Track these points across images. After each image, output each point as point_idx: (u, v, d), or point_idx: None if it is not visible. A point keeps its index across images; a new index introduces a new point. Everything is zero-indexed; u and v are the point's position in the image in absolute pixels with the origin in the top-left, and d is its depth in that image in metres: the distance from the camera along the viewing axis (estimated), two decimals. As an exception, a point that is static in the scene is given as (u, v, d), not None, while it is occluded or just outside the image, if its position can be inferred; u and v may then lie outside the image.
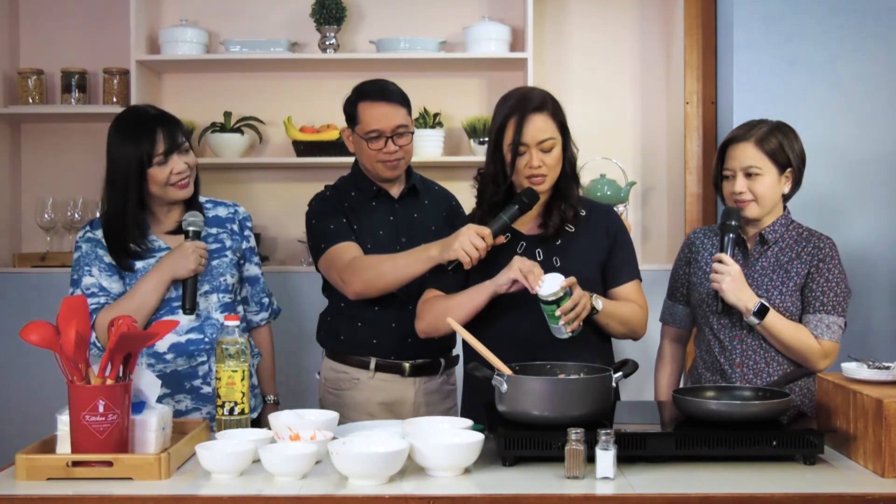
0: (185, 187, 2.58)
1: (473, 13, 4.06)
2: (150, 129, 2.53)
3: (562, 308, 2.28)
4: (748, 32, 3.61)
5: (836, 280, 2.56)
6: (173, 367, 2.56)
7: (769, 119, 2.64)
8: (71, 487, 1.92)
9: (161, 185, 2.54)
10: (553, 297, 2.27)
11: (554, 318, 2.31)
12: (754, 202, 2.58)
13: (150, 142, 2.52)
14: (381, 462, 1.90)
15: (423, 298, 2.54)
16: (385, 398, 2.79)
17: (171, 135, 2.55)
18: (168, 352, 2.55)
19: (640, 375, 2.39)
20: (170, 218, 2.64)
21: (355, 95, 2.80)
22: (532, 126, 2.40)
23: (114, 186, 2.55)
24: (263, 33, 4.05)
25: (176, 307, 2.56)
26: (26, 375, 3.73)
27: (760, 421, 2.10)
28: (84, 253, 2.58)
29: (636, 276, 2.55)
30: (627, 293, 2.52)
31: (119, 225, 2.55)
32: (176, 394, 2.57)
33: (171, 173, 2.54)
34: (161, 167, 2.53)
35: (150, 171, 2.52)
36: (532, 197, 2.42)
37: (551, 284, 2.28)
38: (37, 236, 4.03)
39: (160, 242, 2.61)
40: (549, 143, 2.42)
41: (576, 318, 2.30)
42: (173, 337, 2.55)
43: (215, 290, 2.62)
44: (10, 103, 3.97)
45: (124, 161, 2.53)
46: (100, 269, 2.56)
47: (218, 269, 2.64)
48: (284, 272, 3.86)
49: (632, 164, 4.10)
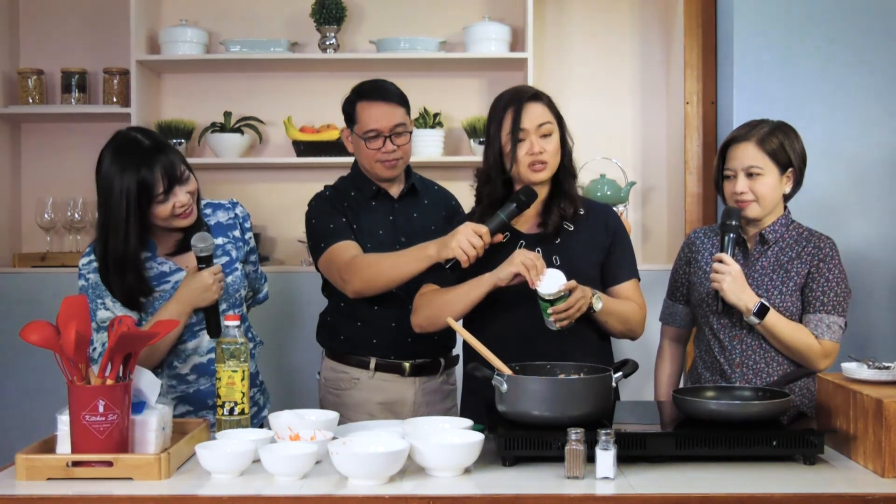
0: (189, 216, 2.45)
1: (473, 13, 4.06)
2: (149, 167, 2.35)
3: (554, 308, 2.29)
4: (748, 32, 3.61)
5: (836, 280, 2.56)
6: (196, 387, 2.54)
7: (770, 119, 2.64)
8: (71, 487, 1.91)
9: (165, 219, 2.42)
10: (550, 297, 2.28)
11: (547, 313, 2.33)
12: (755, 202, 2.58)
13: (151, 180, 2.35)
14: (381, 462, 1.90)
15: (420, 292, 2.54)
16: (385, 398, 2.79)
17: (170, 169, 2.38)
18: (191, 373, 2.53)
19: (640, 375, 2.39)
20: (170, 239, 2.52)
21: (354, 95, 2.80)
22: (530, 112, 2.42)
23: (111, 226, 2.39)
24: (263, 33, 4.05)
25: (197, 330, 2.52)
26: (26, 375, 3.73)
27: (760, 421, 2.10)
28: (92, 284, 2.45)
29: (635, 276, 2.55)
30: (626, 292, 2.52)
31: (120, 269, 2.40)
32: (199, 411, 2.55)
33: (174, 206, 2.40)
34: (164, 204, 2.39)
35: (152, 210, 2.39)
36: (530, 195, 2.42)
37: (551, 284, 2.28)
38: (37, 236, 4.04)
39: (169, 265, 2.51)
40: (548, 127, 2.43)
41: (566, 318, 2.31)
42: (196, 358, 2.52)
43: (232, 307, 2.56)
44: (10, 103, 3.98)
45: (124, 199, 2.36)
46: (112, 299, 2.44)
47: (233, 286, 2.57)
48: (284, 272, 3.86)
49: (632, 164, 4.10)
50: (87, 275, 2.47)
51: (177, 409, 2.52)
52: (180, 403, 2.53)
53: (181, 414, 2.53)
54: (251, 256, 2.71)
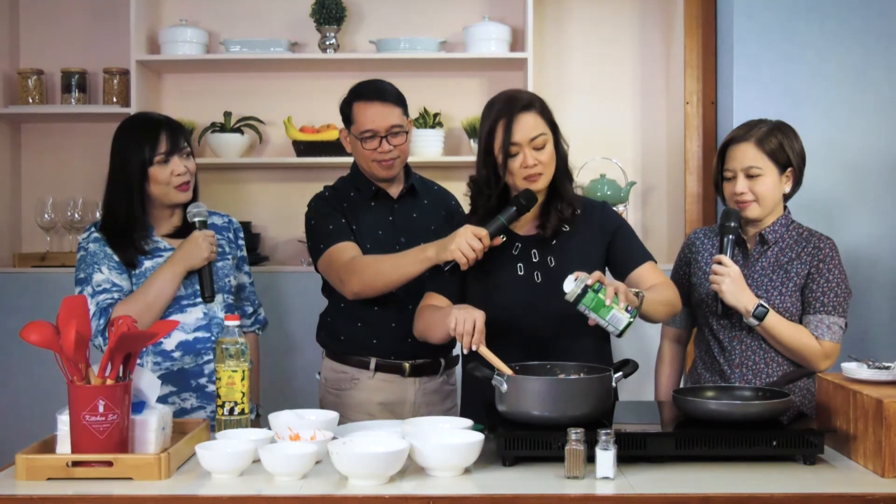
0: (186, 190, 2.63)
1: (473, 13, 4.05)
2: (155, 130, 2.59)
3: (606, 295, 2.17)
4: (748, 32, 3.61)
5: (836, 280, 2.55)
6: (180, 364, 2.59)
7: (769, 119, 2.64)
8: (71, 487, 1.91)
9: (162, 184, 2.58)
10: (577, 293, 2.19)
11: (604, 309, 2.20)
12: (755, 202, 2.58)
13: (154, 142, 2.58)
14: (381, 462, 1.90)
15: (421, 304, 2.54)
16: (385, 398, 2.79)
17: (174, 137, 2.61)
18: (175, 349, 2.58)
19: (640, 375, 2.39)
20: (169, 222, 2.67)
21: (350, 96, 2.80)
22: (522, 125, 2.38)
23: (117, 187, 2.60)
24: (263, 33, 4.05)
25: (185, 305, 2.60)
26: (26, 375, 3.73)
27: (760, 421, 2.10)
28: (91, 252, 2.59)
29: (649, 258, 2.50)
30: (646, 274, 2.47)
31: (123, 223, 2.58)
32: (182, 392, 2.59)
33: (171, 174, 2.58)
34: (162, 167, 2.58)
35: (151, 171, 2.57)
36: (530, 199, 2.41)
37: (570, 285, 2.21)
38: (37, 236, 4.03)
39: (164, 243, 2.64)
40: (541, 139, 2.40)
41: (624, 299, 2.18)
42: (181, 335, 2.58)
43: (220, 291, 2.67)
44: (10, 103, 3.97)
45: (128, 162, 2.58)
46: (109, 266, 2.57)
47: (222, 270, 2.69)
48: (284, 272, 3.86)
49: (632, 164, 4.10)
50: (85, 245, 2.62)
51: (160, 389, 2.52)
52: (164, 383, 2.55)
53: (165, 395, 2.54)
54: (244, 266, 2.82)
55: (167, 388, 2.57)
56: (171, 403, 2.55)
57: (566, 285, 2.22)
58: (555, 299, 2.34)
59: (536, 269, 2.46)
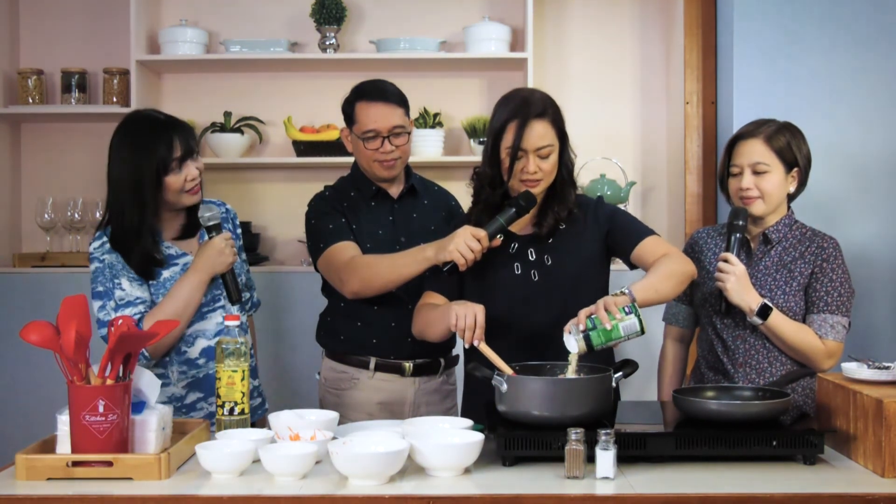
0: (197, 193, 2.54)
1: (473, 13, 4.06)
2: (167, 135, 2.47)
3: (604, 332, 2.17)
4: (748, 32, 3.61)
5: (839, 280, 2.55)
6: (205, 371, 2.56)
7: (777, 119, 2.65)
8: (71, 487, 1.91)
9: (176, 192, 2.50)
10: (583, 343, 2.18)
11: (613, 331, 2.17)
12: (760, 199, 2.58)
13: (168, 148, 2.45)
14: (381, 462, 1.90)
15: (420, 302, 2.55)
16: (385, 398, 2.79)
17: (187, 140, 2.50)
18: (200, 357, 2.55)
19: (642, 375, 2.39)
20: (174, 224, 2.60)
21: (353, 95, 2.80)
22: (532, 132, 2.38)
23: (128, 198, 2.46)
24: (263, 33, 4.05)
25: (205, 312, 2.55)
26: (26, 375, 3.73)
27: (761, 421, 2.10)
28: (109, 264, 2.48)
29: (651, 233, 2.46)
30: (649, 248, 2.42)
31: (135, 235, 2.47)
32: (209, 396, 2.56)
33: (185, 179, 2.50)
34: (177, 174, 2.48)
35: (167, 180, 2.47)
36: (529, 200, 2.41)
37: (573, 343, 2.19)
38: (37, 236, 4.03)
39: (175, 248, 2.57)
40: (548, 150, 2.40)
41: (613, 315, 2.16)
42: (203, 341, 2.55)
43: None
44: (10, 103, 3.97)
45: (140, 170, 2.45)
46: (129, 279, 2.48)
47: (240, 268, 2.67)
48: (284, 272, 3.86)
49: (632, 164, 4.10)
50: (100, 257, 2.50)
51: (188, 397, 2.54)
52: (192, 390, 2.54)
53: (193, 402, 2.54)
54: (241, 254, 2.77)
55: (195, 394, 2.55)
56: (199, 409, 2.54)
57: (569, 346, 2.20)
58: (552, 298, 2.34)
59: (533, 268, 2.46)
